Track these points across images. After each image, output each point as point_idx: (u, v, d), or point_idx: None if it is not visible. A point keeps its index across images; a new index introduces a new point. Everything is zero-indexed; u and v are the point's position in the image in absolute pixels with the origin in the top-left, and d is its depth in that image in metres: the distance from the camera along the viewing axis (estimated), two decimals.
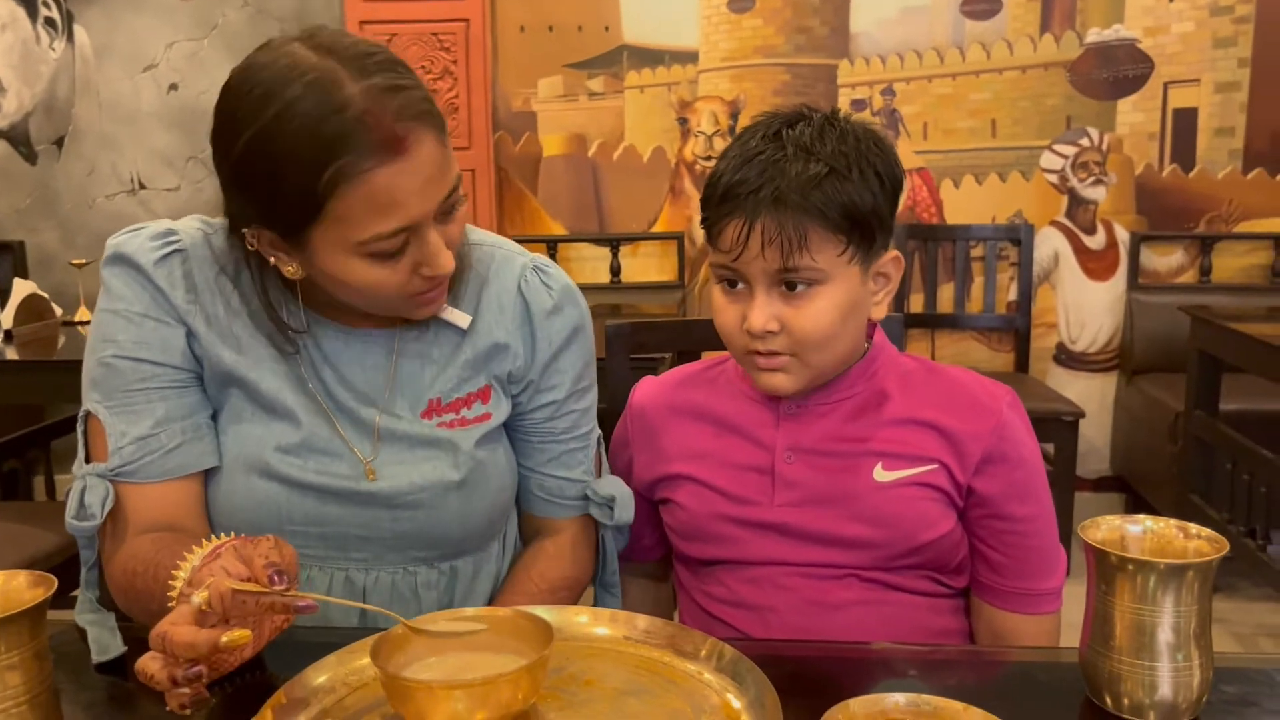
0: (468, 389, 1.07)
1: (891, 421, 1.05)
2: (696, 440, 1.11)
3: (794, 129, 0.99)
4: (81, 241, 3.66)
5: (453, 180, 0.94)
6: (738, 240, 0.97)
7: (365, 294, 0.96)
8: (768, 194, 0.95)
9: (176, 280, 1.02)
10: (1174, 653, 0.76)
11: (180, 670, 0.73)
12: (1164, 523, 0.81)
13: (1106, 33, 3.21)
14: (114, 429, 0.98)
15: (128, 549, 0.95)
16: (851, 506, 1.03)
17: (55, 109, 3.67)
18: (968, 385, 1.07)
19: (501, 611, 0.83)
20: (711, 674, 0.81)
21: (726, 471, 1.08)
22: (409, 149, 0.89)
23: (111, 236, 1.04)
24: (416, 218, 0.91)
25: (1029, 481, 1.05)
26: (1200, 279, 3.28)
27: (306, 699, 0.79)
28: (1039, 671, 0.86)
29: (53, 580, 0.74)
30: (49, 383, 2.39)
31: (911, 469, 1.03)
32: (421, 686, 0.73)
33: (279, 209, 0.91)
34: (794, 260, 0.96)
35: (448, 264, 0.95)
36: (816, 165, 0.96)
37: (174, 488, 1.00)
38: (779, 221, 0.95)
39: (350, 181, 0.88)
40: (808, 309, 0.98)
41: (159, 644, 0.73)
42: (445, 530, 1.05)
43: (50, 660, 0.75)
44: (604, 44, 3.42)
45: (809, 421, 1.07)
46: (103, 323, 1.02)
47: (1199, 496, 2.67)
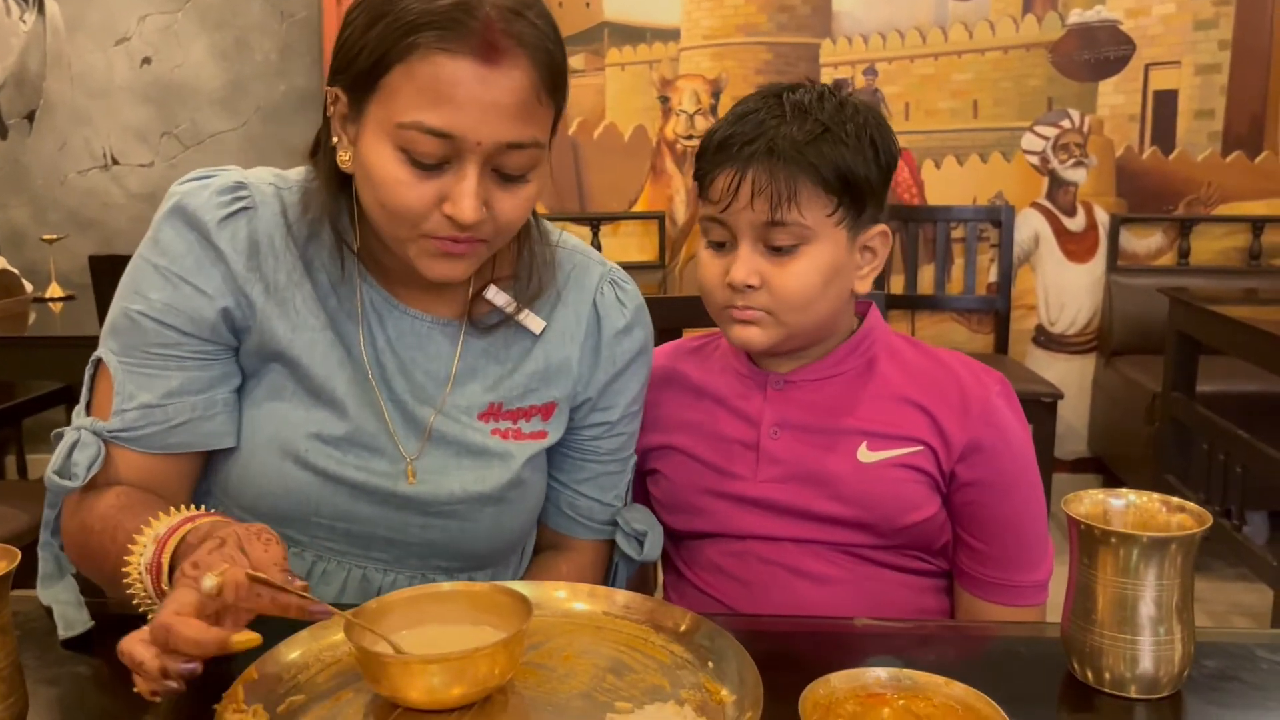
0: (532, 400, 1.03)
1: (879, 398, 1.05)
2: (684, 411, 1.11)
3: (794, 94, 1.00)
4: (52, 218, 3.61)
5: (526, 135, 0.87)
6: (728, 190, 0.97)
7: (383, 197, 0.88)
8: (761, 145, 0.96)
9: (240, 242, 0.95)
10: (1156, 626, 0.76)
11: (175, 663, 0.69)
12: (1147, 496, 0.81)
13: (1088, 14, 3.21)
14: (123, 388, 0.94)
15: (91, 501, 0.91)
16: (834, 486, 1.03)
17: (26, 83, 3.60)
18: (957, 370, 1.06)
19: (478, 586, 0.82)
20: (691, 650, 0.80)
21: (711, 443, 1.08)
22: (498, 63, 0.84)
23: (176, 183, 0.97)
24: (465, 132, 0.85)
25: (1015, 472, 1.04)
26: (1179, 261, 3.30)
27: (279, 674, 0.77)
28: (1021, 646, 0.86)
29: (16, 553, 0.72)
30: (19, 361, 2.35)
31: (896, 450, 1.03)
32: (396, 661, 0.72)
33: (359, 60, 0.87)
34: (782, 213, 0.96)
35: (469, 212, 0.87)
36: (813, 124, 0.97)
37: (168, 461, 0.95)
38: (770, 172, 0.96)
39: (428, 53, 0.84)
40: (791, 267, 0.98)
41: (161, 636, 0.69)
42: (474, 544, 1.02)
43: (14, 636, 0.73)
44: (585, 20, 3.39)
45: (796, 396, 1.06)
46: (139, 272, 0.96)
47: (1175, 477, 2.69)
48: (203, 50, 3.54)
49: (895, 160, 1.02)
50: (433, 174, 0.87)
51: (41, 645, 0.85)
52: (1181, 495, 2.55)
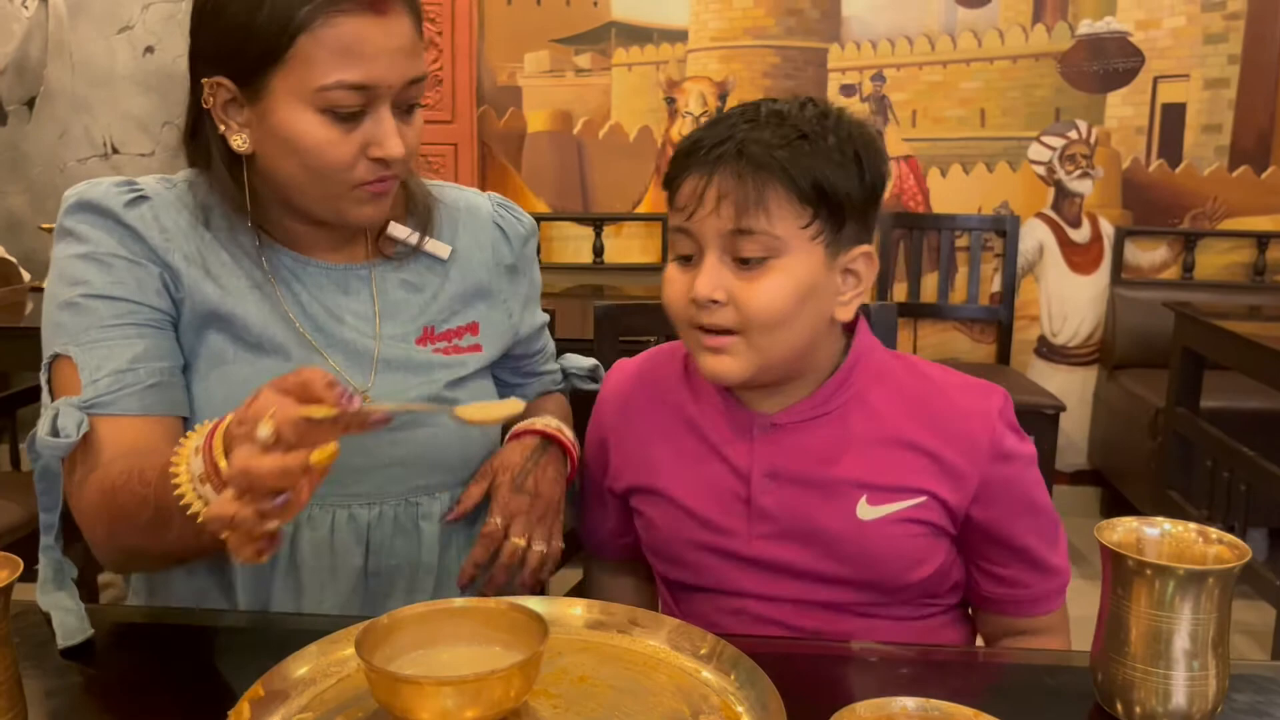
0: (458, 321, 1.10)
1: (877, 443, 0.97)
2: (672, 451, 1.03)
3: (775, 103, 0.94)
4: (51, 206, 3.56)
5: (420, 69, 0.97)
6: (693, 195, 0.91)
7: (312, 162, 0.94)
8: (730, 148, 0.90)
9: (149, 222, 0.99)
10: (1190, 660, 0.74)
11: (268, 502, 0.68)
12: (1183, 526, 0.79)
13: (1098, 24, 3.19)
14: (87, 364, 0.93)
15: (101, 473, 0.90)
16: (833, 545, 0.96)
17: (27, 69, 3.56)
18: (957, 398, 0.98)
19: (492, 603, 0.80)
20: (711, 673, 0.78)
21: (701, 493, 1.00)
22: (388, 11, 0.93)
23: (68, 191, 1.00)
24: (379, 79, 0.93)
25: (1028, 494, 0.99)
26: (1183, 275, 3.28)
27: (286, 691, 0.75)
28: (1048, 676, 0.84)
29: (18, 562, 0.70)
30: (15, 350, 2.32)
31: (899, 503, 0.95)
32: (409, 682, 0.70)
33: (250, 43, 0.92)
34: (749, 220, 0.88)
35: (397, 148, 0.95)
36: (789, 129, 0.90)
37: (150, 423, 0.94)
38: (738, 175, 0.89)
39: (326, 19, 0.90)
40: (760, 282, 0.90)
41: (242, 480, 0.68)
42: (442, 451, 1.05)
43: (14, 647, 0.70)
44: (592, 19, 3.36)
45: (786, 441, 0.98)
46: (68, 268, 0.97)
47: (1178, 493, 2.68)
48: None
49: (883, 181, 0.95)
50: (354, 125, 0.94)
51: (40, 655, 0.83)
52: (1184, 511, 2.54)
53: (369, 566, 1.04)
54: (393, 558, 1.04)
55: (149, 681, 0.83)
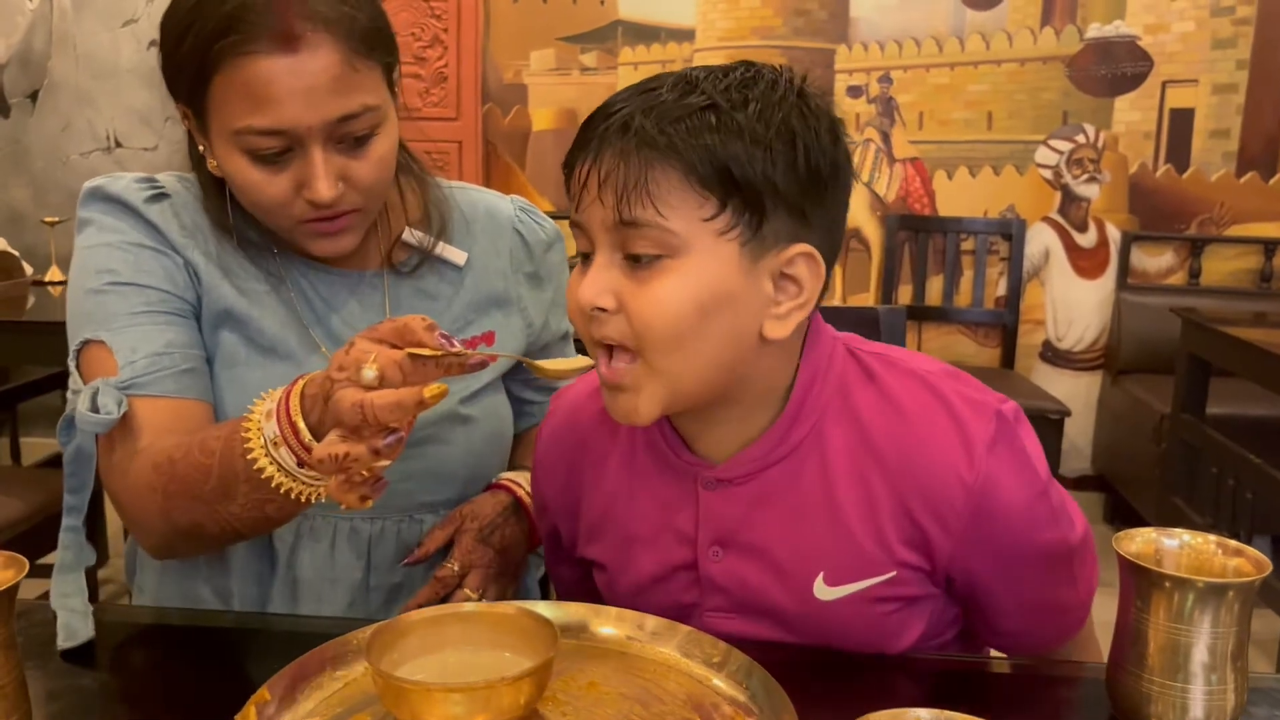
0: (473, 331, 1.06)
1: (835, 504, 0.80)
2: (614, 512, 0.89)
3: (698, 69, 0.76)
4: (54, 199, 3.56)
5: (354, 105, 0.89)
6: (578, 181, 0.75)
7: (249, 199, 0.92)
8: (617, 121, 0.73)
9: (169, 218, 0.98)
10: (1209, 674, 0.73)
11: (380, 440, 0.69)
12: (1203, 538, 0.77)
13: (1107, 28, 3.18)
14: (122, 347, 0.92)
15: (153, 449, 0.87)
16: (791, 624, 0.83)
17: (31, 61, 3.56)
18: (934, 439, 0.79)
19: (501, 607, 0.79)
20: (724, 681, 0.77)
21: (649, 564, 0.87)
22: (301, 49, 0.86)
23: (88, 182, 0.99)
24: (293, 123, 0.87)
25: (1028, 545, 0.81)
26: (1189, 281, 3.28)
27: (292, 695, 0.74)
28: (1064, 687, 0.83)
29: (24, 562, 0.69)
30: (16, 345, 2.32)
31: (861, 582, 0.80)
32: (418, 688, 0.69)
33: (179, 79, 0.90)
34: (631, 208, 0.72)
35: (323, 192, 0.89)
36: (696, 98, 0.73)
37: (189, 406, 0.93)
38: (622, 153, 0.72)
39: (233, 59, 0.85)
40: (652, 285, 0.73)
41: (355, 415, 0.68)
42: (451, 468, 1.04)
43: (19, 648, 0.69)
44: (599, 18, 3.35)
45: (733, 499, 0.83)
46: (93, 256, 0.96)
47: (1182, 500, 2.67)
48: None
49: (834, 166, 0.76)
50: (282, 166, 0.89)
51: (43, 656, 0.81)
52: (1188, 518, 2.53)
53: (369, 581, 1.03)
54: (393, 575, 1.03)
55: (154, 684, 0.82)
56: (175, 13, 0.89)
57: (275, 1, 0.85)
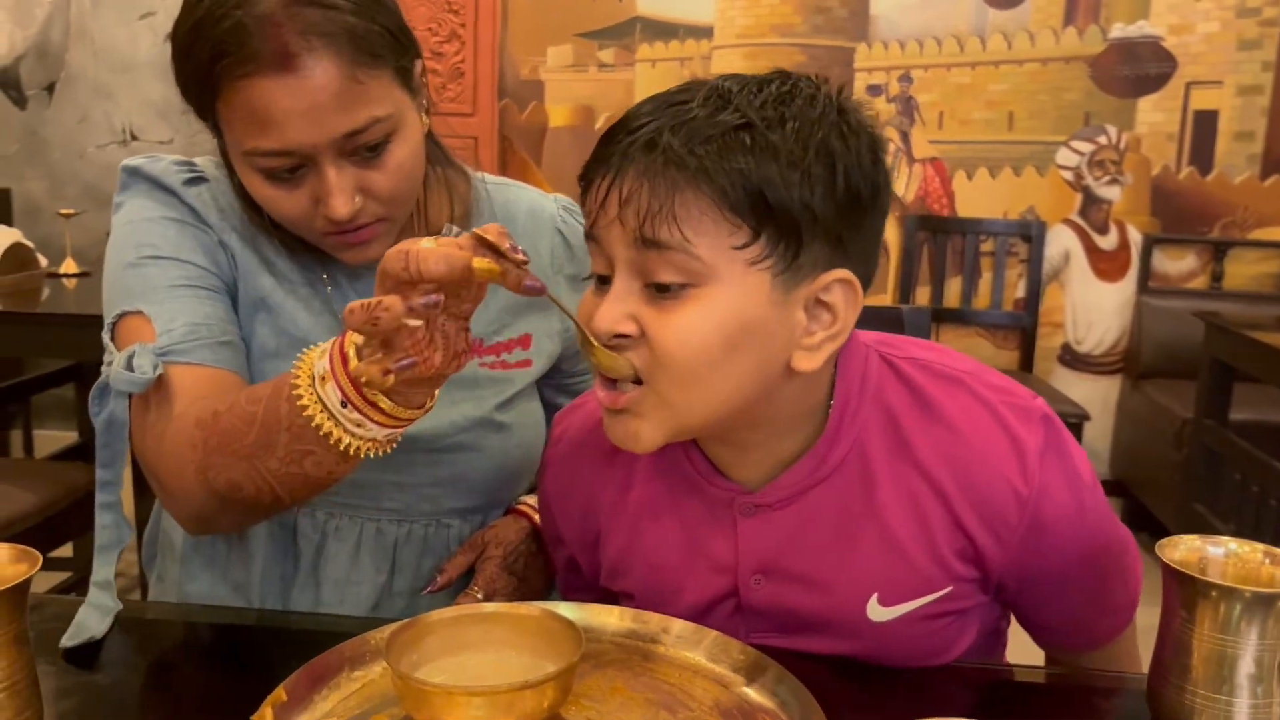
0: (508, 334, 1.04)
1: (885, 523, 0.77)
2: (641, 540, 0.85)
3: (731, 80, 0.71)
4: (69, 192, 3.56)
5: (361, 119, 0.85)
6: (596, 197, 0.71)
7: (271, 212, 0.91)
8: (642, 138, 0.68)
9: (207, 202, 0.97)
10: (1255, 686, 0.70)
11: (419, 297, 0.65)
12: (1250, 546, 0.75)
13: (1131, 29, 3.15)
14: (160, 316, 0.90)
15: (193, 410, 0.84)
16: (842, 641, 0.80)
17: (48, 53, 3.55)
18: (982, 449, 0.76)
19: (524, 608, 0.77)
20: (752, 688, 0.75)
21: (686, 595, 0.83)
22: (299, 68, 0.82)
23: (126, 160, 0.98)
24: (298, 144, 0.84)
25: (1080, 548, 0.79)
26: (1211, 285, 3.24)
27: (310, 696, 0.72)
28: (1102, 698, 0.81)
29: (36, 556, 0.67)
30: (30, 335, 2.30)
31: (916, 600, 0.78)
32: (439, 691, 0.67)
33: (191, 96, 0.88)
34: (655, 229, 0.67)
35: (339, 209, 0.86)
36: (729, 115, 0.68)
37: (225, 376, 0.90)
38: (647, 172, 0.68)
39: (231, 83, 0.83)
40: (674, 315, 0.69)
41: (399, 260, 0.64)
42: (483, 474, 1.01)
43: (30, 644, 0.67)
44: (617, 14, 3.33)
45: (774, 525, 0.79)
46: (132, 232, 0.94)
47: (1204, 506, 2.63)
48: None
49: (875, 189, 0.72)
50: (297, 183, 0.87)
51: (54, 653, 0.80)
52: (1210, 526, 2.49)
53: (392, 585, 1.01)
54: (417, 579, 1.01)
55: (168, 682, 0.80)
56: (178, 31, 0.87)
57: (269, 20, 0.82)
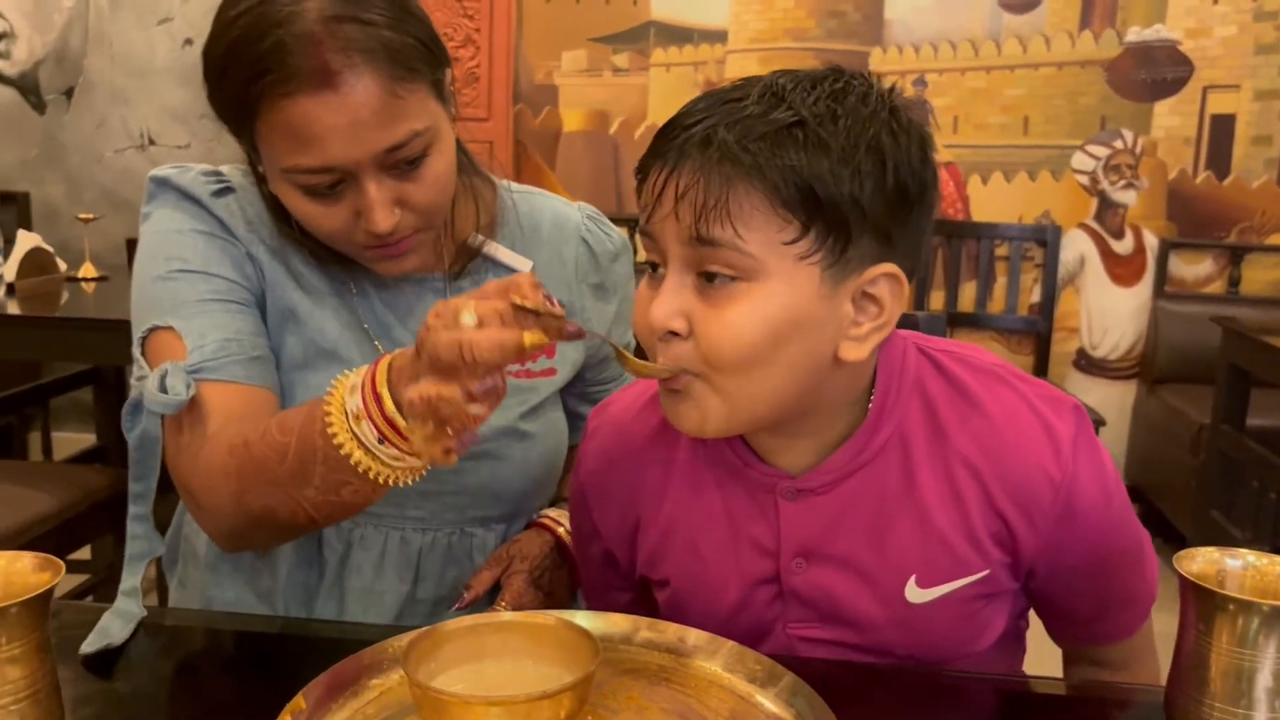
0: None
1: (923, 506, 0.79)
2: (684, 528, 0.86)
3: (785, 76, 0.73)
4: (87, 196, 3.59)
5: (401, 134, 0.86)
6: (652, 191, 0.73)
7: (308, 227, 0.91)
8: (698, 134, 0.70)
9: (234, 213, 0.97)
10: (1273, 700, 0.70)
11: (476, 383, 0.66)
12: (1269, 559, 0.75)
13: (1147, 32, 3.14)
14: (190, 331, 0.90)
15: (226, 432, 0.85)
16: (880, 631, 0.82)
17: (67, 59, 3.58)
18: (1016, 439, 0.78)
19: (540, 618, 0.77)
20: (768, 698, 0.75)
21: (728, 581, 0.84)
22: (341, 85, 0.83)
23: (154, 171, 0.98)
24: (340, 160, 0.85)
25: (1107, 540, 0.81)
26: (1228, 290, 3.22)
27: (329, 704, 0.73)
28: (1119, 710, 0.80)
29: (59, 565, 0.68)
30: (49, 339, 2.32)
31: (953, 582, 0.80)
32: (456, 700, 0.67)
33: (227, 114, 0.88)
34: (709, 226, 0.69)
35: (381, 224, 0.87)
36: (783, 114, 0.69)
37: (258, 393, 0.91)
38: (702, 169, 0.69)
39: (273, 102, 0.83)
40: (726, 310, 0.71)
41: (452, 351, 0.65)
42: (507, 483, 1.02)
43: (52, 652, 0.68)
44: (631, 19, 3.34)
45: (816, 510, 0.81)
46: (160, 244, 0.95)
47: (1220, 513, 2.62)
48: None
49: (922, 184, 0.74)
50: (336, 198, 0.88)
51: (73, 659, 0.80)
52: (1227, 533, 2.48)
53: (415, 593, 1.02)
54: (441, 587, 1.02)
55: (188, 689, 0.81)
56: (213, 50, 0.86)
57: (310, 38, 0.82)
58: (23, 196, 3.50)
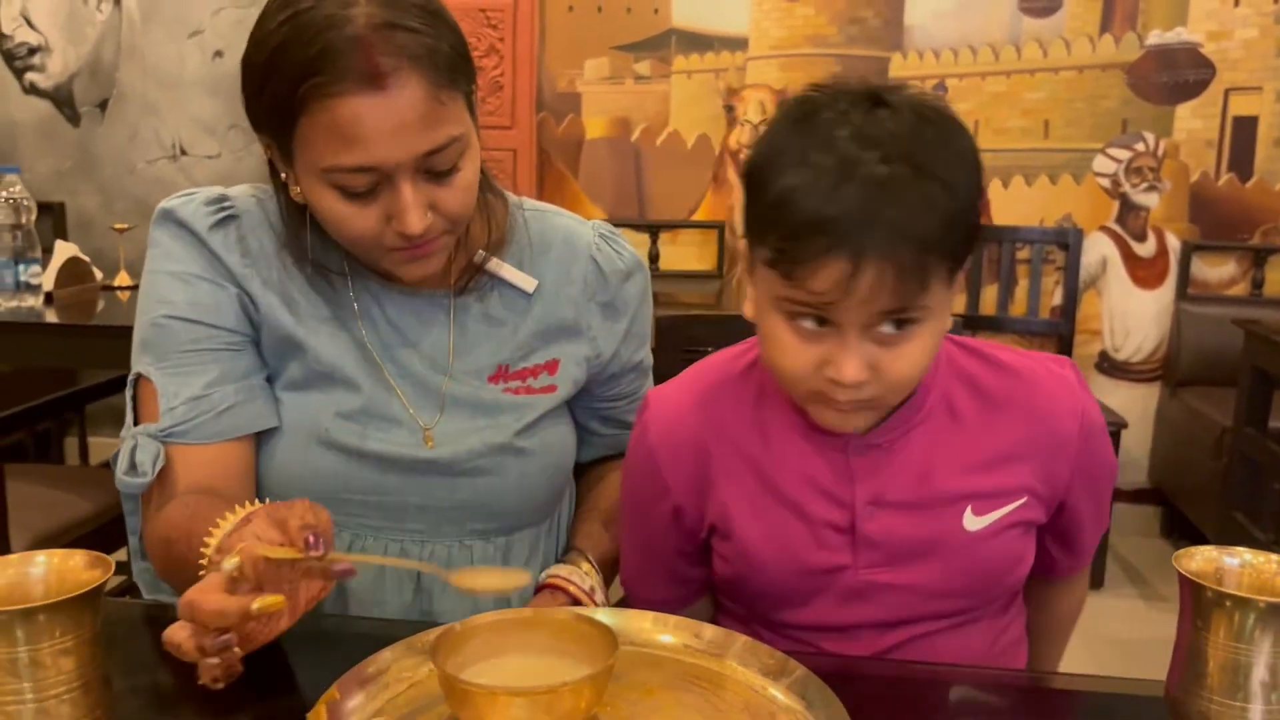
0: (535, 360, 1.06)
1: (972, 447, 0.92)
2: (766, 486, 0.94)
3: (876, 120, 0.78)
4: (120, 206, 3.66)
5: (441, 138, 0.89)
6: (838, 284, 0.77)
7: (337, 231, 0.94)
8: (884, 230, 0.75)
9: (231, 245, 1.00)
10: (1269, 694, 0.72)
11: (209, 640, 0.70)
12: (1264, 557, 0.77)
13: (1168, 35, 3.14)
14: (166, 390, 0.97)
15: (165, 514, 0.94)
16: (943, 561, 0.92)
17: (100, 71, 3.66)
18: (1037, 384, 0.93)
19: (562, 614, 0.81)
20: (779, 691, 0.78)
21: (804, 531, 0.92)
22: (389, 87, 0.86)
23: (163, 201, 1.02)
24: (382, 161, 0.87)
25: (1106, 461, 0.98)
26: (1252, 291, 3.21)
27: (361, 695, 0.76)
28: (1122, 704, 0.83)
29: (109, 562, 0.72)
30: (86, 347, 2.38)
31: (1002, 509, 0.92)
32: (482, 691, 0.71)
33: (264, 117, 0.91)
34: (908, 301, 0.78)
35: (414, 225, 0.90)
36: (929, 183, 0.76)
37: (223, 450, 0.98)
38: (898, 262, 0.76)
39: (320, 101, 0.86)
40: (905, 351, 0.81)
41: (187, 612, 0.71)
42: (504, 499, 1.04)
43: (102, 645, 0.72)
44: (652, 27, 3.37)
45: (883, 461, 0.91)
46: (155, 283, 1.00)
47: (1243, 515, 2.62)
48: None
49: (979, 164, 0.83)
50: (371, 200, 0.90)
51: (118, 653, 0.84)
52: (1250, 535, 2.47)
53: (417, 606, 1.04)
54: (443, 601, 1.03)
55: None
56: (257, 54, 0.89)
57: (360, 41, 0.85)
58: (58, 207, 3.58)
